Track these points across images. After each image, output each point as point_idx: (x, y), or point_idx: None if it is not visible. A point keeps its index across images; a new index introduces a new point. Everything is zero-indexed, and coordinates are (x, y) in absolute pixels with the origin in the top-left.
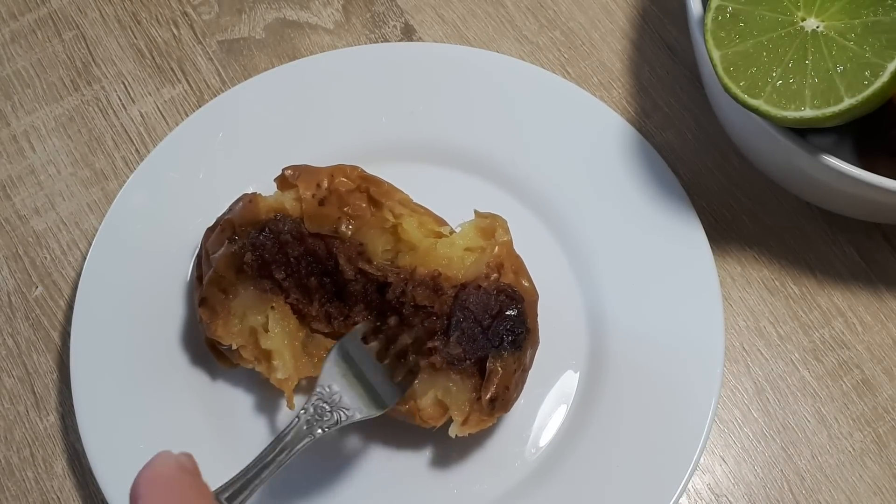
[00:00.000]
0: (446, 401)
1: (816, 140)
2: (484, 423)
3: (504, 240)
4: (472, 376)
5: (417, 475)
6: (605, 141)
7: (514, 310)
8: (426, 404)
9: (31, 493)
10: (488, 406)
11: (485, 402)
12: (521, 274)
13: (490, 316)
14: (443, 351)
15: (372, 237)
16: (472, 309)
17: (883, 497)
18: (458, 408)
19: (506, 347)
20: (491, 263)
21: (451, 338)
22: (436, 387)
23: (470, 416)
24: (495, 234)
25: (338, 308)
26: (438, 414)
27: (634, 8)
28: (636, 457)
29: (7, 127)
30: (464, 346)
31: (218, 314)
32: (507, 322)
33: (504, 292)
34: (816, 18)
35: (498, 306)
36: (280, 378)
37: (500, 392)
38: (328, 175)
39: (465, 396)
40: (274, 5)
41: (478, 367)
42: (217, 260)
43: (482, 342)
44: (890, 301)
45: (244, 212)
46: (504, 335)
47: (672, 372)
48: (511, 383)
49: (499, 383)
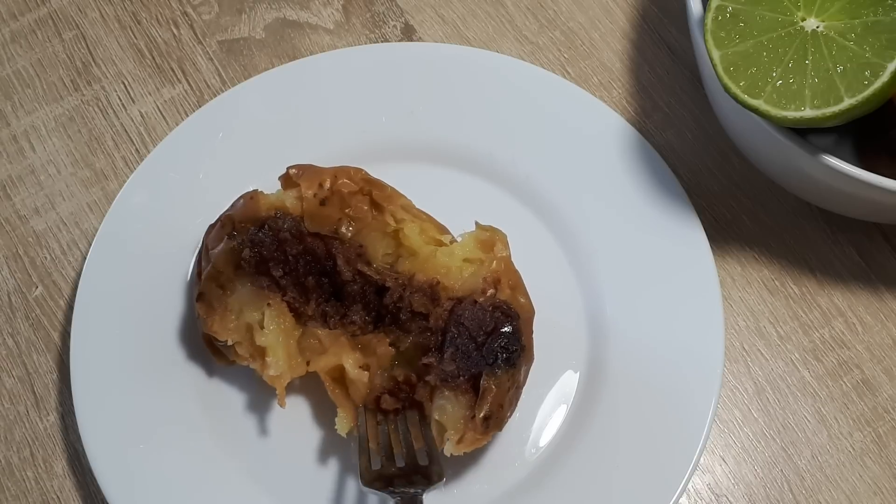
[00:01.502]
0: (441, 419)
1: (816, 140)
2: (478, 441)
3: (503, 255)
4: (465, 393)
5: None
6: (605, 141)
7: (509, 327)
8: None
9: (31, 493)
10: (482, 424)
11: (479, 420)
12: (518, 290)
13: (485, 332)
14: (437, 368)
15: (373, 240)
16: (467, 325)
17: (883, 497)
18: (453, 426)
19: (500, 365)
20: (488, 278)
21: (446, 354)
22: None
23: (465, 434)
24: (494, 248)
25: (334, 307)
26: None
27: (634, 8)
28: (636, 457)
29: (7, 127)
30: (458, 363)
31: (215, 309)
32: (501, 339)
33: (499, 309)
34: (816, 18)
35: (493, 323)
36: (272, 375)
37: (495, 410)
38: (331, 175)
39: (459, 414)
40: (274, 5)
41: (471, 383)
42: (216, 256)
43: (476, 359)
44: (890, 301)
45: (245, 208)
46: (499, 353)
47: (672, 372)
48: (505, 401)
49: (493, 401)
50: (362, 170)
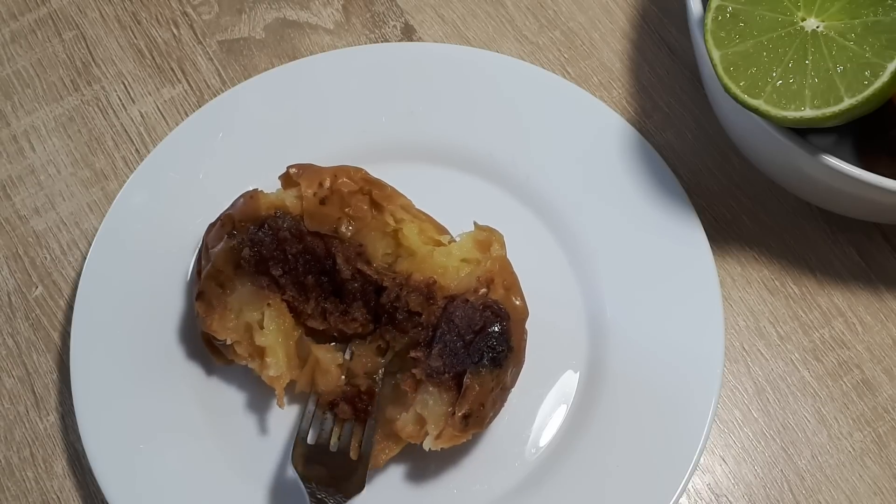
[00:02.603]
0: (423, 414)
1: (816, 140)
2: (457, 438)
3: (498, 254)
4: (449, 390)
5: (417, 475)
6: (605, 141)
7: (497, 327)
8: (405, 423)
9: (31, 493)
10: (461, 422)
11: (458, 417)
12: (513, 290)
13: (473, 331)
14: (424, 362)
15: (372, 239)
16: (457, 322)
17: (883, 497)
18: (434, 421)
19: (485, 364)
20: (482, 278)
21: (434, 350)
22: (415, 403)
23: (444, 430)
24: (491, 248)
25: (334, 304)
26: (417, 431)
27: (634, 8)
28: (636, 457)
29: (7, 127)
30: (444, 360)
31: (214, 308)
32: (489, 339)
33: (490, 308)
34: (816, 18)
35: (482, 322)
36: (272, 375)
37: (475, 409)
38: (331, 175)
39: (441, 410)
40: (274, 5)
41: (456, 381)
42: (215, 254)
43: (462, 357)
44: (890, 301)
45: (245, 207)
46: (485, 351)
47: (672, 372)
48: (487, 401)
49: (474, 400)
50: (362, 169)
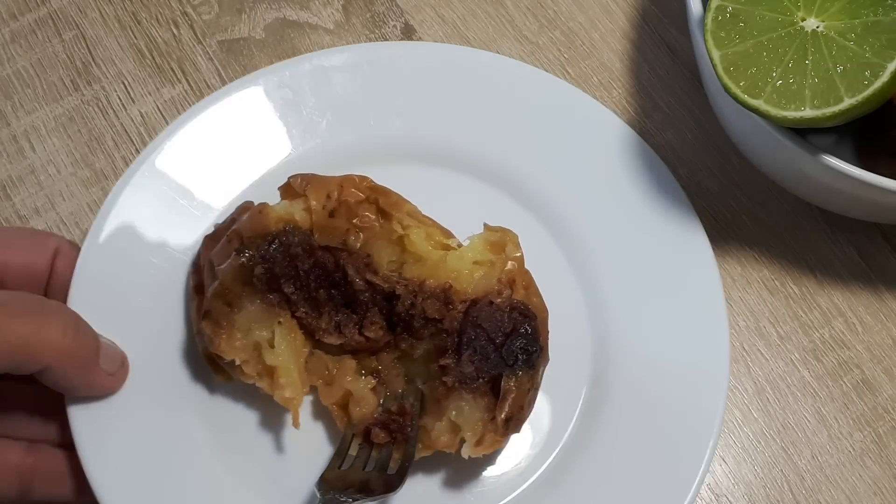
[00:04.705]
0: (458, 421)
1: (816, 140)
2: (498, 443)
3: (516, 255)
4: (484, 395)
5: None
6: (605, 142)
7: (527, 327)
8: (440, 433)
9: None
10: (503, 426)
11: (500, 422)
12: (532, 290)
13: (503, 334)
14: (455, 370)
15: (378, 248)
16: (485, 326)
17: (883, 497)
18: (471, 428)
19: (520, 366)
20: (503, 279)
21: (463, 356)
22: (448, 411)
23: (484, 436)
24: (506, 249)
25: (348, 316)
26: (453, 440)
27: (634, 8)
28: (642, 466)
29: (7, 127)
30: (476, 365)
31: (222, 328)
32: (521, 340)
33: (517, 309)
34: (816, 18)
35: (511, 324)
36: (287, 397)
37: (515, 412)
38: (338, 186)
39: (477, 416)
40: (274, 5)
41: (490, 386)
42: (223, 272)
43: (495, 360)
44: (890, 301)
45: (253, 223)
46: (518, 353)
47: (677, 376)
48: (525, 402)
49: (513, 403)
50: (367, 178)
